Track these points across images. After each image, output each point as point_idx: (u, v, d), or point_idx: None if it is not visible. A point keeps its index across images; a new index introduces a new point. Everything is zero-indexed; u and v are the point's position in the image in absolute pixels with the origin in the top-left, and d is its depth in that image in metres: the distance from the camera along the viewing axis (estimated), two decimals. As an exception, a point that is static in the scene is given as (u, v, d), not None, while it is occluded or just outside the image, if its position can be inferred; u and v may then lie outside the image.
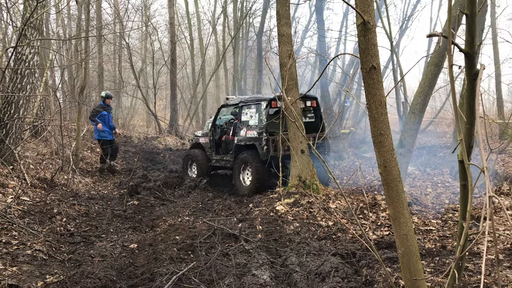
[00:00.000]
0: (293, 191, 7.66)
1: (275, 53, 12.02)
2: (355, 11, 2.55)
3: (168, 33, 22.89)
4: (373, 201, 7.64)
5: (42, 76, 11.45)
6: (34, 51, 8.41)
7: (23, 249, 5.08)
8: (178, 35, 25.56)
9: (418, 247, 3.01)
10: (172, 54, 20.23)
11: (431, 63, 8.46)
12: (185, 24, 28.56)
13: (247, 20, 27.47)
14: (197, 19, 28.66)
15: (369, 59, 2.63)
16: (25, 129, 9.34)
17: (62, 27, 19.80)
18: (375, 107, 2.66)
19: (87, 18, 12.16)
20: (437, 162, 13.75)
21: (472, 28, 1.86)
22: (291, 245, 5.71)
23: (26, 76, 8.30)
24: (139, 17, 24.99)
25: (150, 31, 24.40)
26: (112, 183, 10.38)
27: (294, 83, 7.99)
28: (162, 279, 4.34)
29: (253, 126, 9.38)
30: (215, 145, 10.60)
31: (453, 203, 8.19)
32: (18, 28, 8.35)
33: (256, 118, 9.39)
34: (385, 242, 5.66)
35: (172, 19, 20.35)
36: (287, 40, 8.09)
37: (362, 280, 4.54)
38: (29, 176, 8.09)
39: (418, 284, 2.79)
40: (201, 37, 28.73)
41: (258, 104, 9.38)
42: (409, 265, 2.81)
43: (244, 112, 9.78)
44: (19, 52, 8.20)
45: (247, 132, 9.49)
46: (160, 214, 7.65)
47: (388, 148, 2.70)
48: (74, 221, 6.72)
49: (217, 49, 29.82)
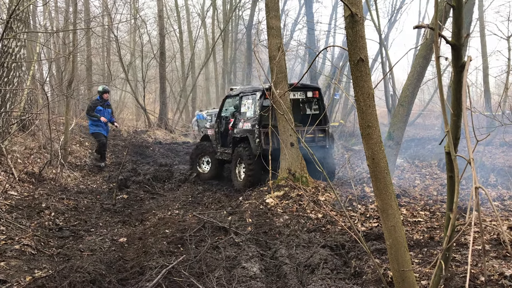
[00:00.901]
0: (283, 184, 7.68)
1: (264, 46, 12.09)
2: (343, 3, 2.54)
3: (157, 26, 22.72)
4: (362, 193, 7.69)
5: (29, 69, 11.31)
6: (21, 44, 8.30)
7: (11, 244, 5.04)
8: (167, 28, 25.39)
9: (406, 238, 3.04)
10: (161, 47, 20.11)
11: (419, 56, 8.51)
12: (174, 17, 28.41)
13: (236, 13, 27.38)
14: (186, 12, 28.52)
15: (357, 51, 2.63)
16: (12, 123, 9.23)
17: (49, 20, 19.55)
18: (363, 100, 2.67)
19: (75, 11, 12.03)
20: (426, 154, 13.88)
21: (459, 20, 1.87)
22: (281, 237, 5.74)
23: (13, 69, 8.20)
24: (127, 9, 24.79)
25: (139, 24, 24.21)
26: (101, 177, 10.32)
27: (284, 76, 7.98)
28: (151, 272, 4.34)
29: (249, 118, 9.13)
30: (220, 137, 10.34)
31: (441, 195, 8.28)
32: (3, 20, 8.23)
33: (252, 110, 9.17)
34: (374, 234, 5.70)
35: (161, 12, 20.21)
36: (276, 33, 8.07)
37: (351, 272, 4.58)
38: (16, 170, 8.01)
39: (406, 275, 2.82)
40: (190, 30, 28.60)
41: (254, 95, 9.16)
42: (397, 256, 2.83)
43: (243, 103, 9.55)
44: (5, 45, 8.08)
45: (244, 124, 9.24)
46: (149, 208, 7.64)
47: (376, 140, 2.71)
48: (62, 215, 6.68)
49: (206, 42, 29.71)
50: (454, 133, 2.03)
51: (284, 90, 7.50)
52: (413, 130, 20.41)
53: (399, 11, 17.91)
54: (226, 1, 26.70)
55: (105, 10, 19.70)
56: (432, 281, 2.24)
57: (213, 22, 27.60)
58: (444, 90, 2.29)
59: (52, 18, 20.29)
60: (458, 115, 1.99)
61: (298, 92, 9.17)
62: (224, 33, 25.03)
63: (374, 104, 2.70)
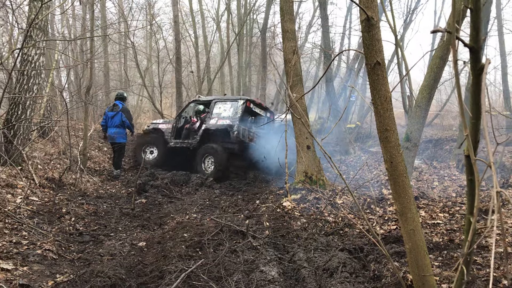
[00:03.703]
0: (300, 187, 7.67)
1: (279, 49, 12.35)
2: (359, 7, 2.54)
3: (173, 31, 22.88)
4: (380, 196, 7.63)
5: (48, 76, 11.50)
6: (40, 52, 8.45)
7: (33, 249, 5.12)
8: (183, 33, 25.56)
9: (425, 241, 3.02)
10: (177, 52, 20.24)
11: (436, 56, 8.42)
12: (189, 22, 28.56)
13: (251, 17, 27.44)
14: (201, 17, 28.65)
15: (374, 54, 2.63)
16: (33, 130, 9.39)
17: (67, 28, 19.87)
18: (380, 103, 2.66)
19: (92, 18, 12.20)
20: (444, 156, 13.72)
21: (477, 23, 1.86)
22: (299, 241, 5.73)
23: (33, 77, 8.34)
24: (143, 16, 25.05)
25: (155, 29, 24.43)
26: (119, 181, 10.44)
27: (299, 79, 7.99)
28: (171, 276, 4.37)
29: (226, 117, 11.24)
30: (176, 131, 12.35)
31: (460, 196, 8.17)
32: (23, 29, 8.39)
33: (230, 112, 11.26)
34: (392, 237, 5.66)
35: (176, 17, 20.35)
36: (291, 36, 8.08)
37: (370, 275, 4.55)
38: (37, 176, 8.14)
39: (426, 279, 2.80)
40: (205, 35, 28.73)
41: (236, 102, 11.38)
42: (417, 260, 2.81)
43: (218, 106, 11.62)
44: (25, 53, 8.23)
45: (219, 120, 11.33)
46: (168, 212, 7.69)
47: (394, 143, 2.70)
48: (82, 220, 6.77)
49: (221, 46, 29.82)
50: (474, 136, 2.01)
51: (300, 93, 7.50)
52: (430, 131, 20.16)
53: (414, 11, 17.75)
54: (240, 5, 26.76)
55: (122, 16, 19.94)
56: (454, 286, 2.23)
57: (227, 27, 27.68)
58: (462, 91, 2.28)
59: (70, 25, 20.62)
60: (477, 118, 1.98)
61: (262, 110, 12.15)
62: (239, 37, 25.09)
63: (391, 107, 2.69)
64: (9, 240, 5.18)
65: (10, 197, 6.70)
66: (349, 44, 27.88)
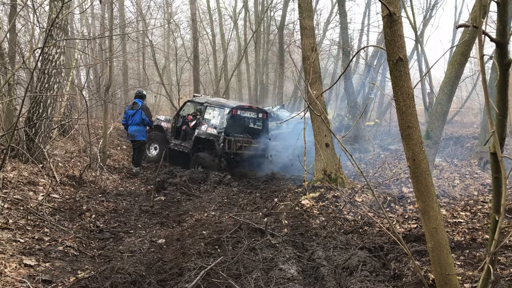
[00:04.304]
0: (318, 185, 7.63)
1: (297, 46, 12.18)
2: (381, 2, 2.51)
3: (190, 29, 22.98)
4: (400, 194, 7.55)
5: (68, 75, 11.67)
6: (60, 51, 8.55)
7: (55, 245, 5.20)
8: (200, 31, 25.65)
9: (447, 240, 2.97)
10: (195, 50, 20.31)
11: (457, 53, 8.28)
12: (206, 20, 28.64)
13: (268, 14, 27.38)
14: (219, 15, 28.70)
15: (396, 50, 2.59)
16: (53, 128, 9.52)
17: (86, 27, 20.11)
18: (402, 100, 2.62)
19: (111, 17, 12.32)
20: (465, 153, 13.51)
21: (504, 17, 1.81)
22: (318, 239, 5.70)
23: (53, 75, 8.45)
24: (161, 14, 25.20)
25: (173, 28, 24.55)
26: (139, 179, 10.53)
27: (318, 76, 7.94)
28: (190, 273, 4.39)
29: (214, 125, 11.40)
30: (175, 130, 12.50)
31: (482, 195, 8.03)
32: (44, 29, 8.50)
33: (217, 120, 11.39)
34: (413, 235, 5.59)
35: (194, 16, 20.42)
36: (310, 33, 8.03)
37: (391, 274, 4.51)
38: (58, 174, 8.26)
39: (449, 278, 2.75)
40: (222, 33, 28.77)
41: (222, 109, 11.38)
42: (439, 259, 2.77)
43: (208, 112, 11.69)
44: (45, 52, 8.34)
45: (208, 128, 11.51)
46: (186, 209, 7.72)
47: (417, 141, 2.66)
48: (103, 217, 6.85)
49: (238, 44, 29.84)
50: (500, 133, 1.97)
51: (319, 91, 7.46)
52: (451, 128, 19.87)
53: (434, 7, 17.48)
54: (258, 2, 26.73)
55: (140, 15, 20.08)
56: (480, 285, 2.18)
57: (245, 24, 27.69)
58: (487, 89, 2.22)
59: (89, 24, 20.86)
60: (504, 115, 1.93)
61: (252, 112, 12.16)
62: (256, 34, 25.07)
63: (414, 104, 2.64)
64: (32, 237, 5.27)
65: (32, 195, 6.81)
66: (368, 41, 27.65)
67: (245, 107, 11.94)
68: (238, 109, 11.48)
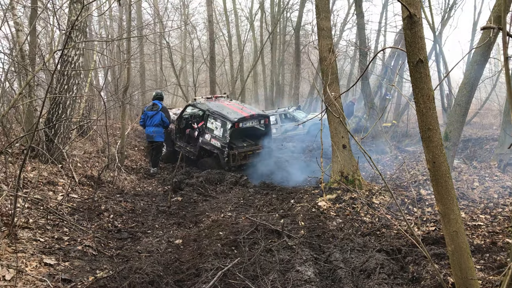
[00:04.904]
0: (335, 186, 7.59)
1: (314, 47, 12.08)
2: (401, 4, 2.49)
3: (207, 31, 23.10)
4: (418, 196, 7.47)
5: (87, 76, 11.80)
6: (79, 52, 8.66)
7: (74, 244, 5.27)
8: (216, 32, 25.75)
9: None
10: (211, 51, 20.40)
11: (477, 53, 8.15)
12: (223, 22, 28.76)
13: (284, 15, 27.37)
14: (235, 16, 28.80)
15: (416, 52, 2.56)
16: (72, 129, 9.64)
17: (104, 29, 20.34)
18: (423, 102, 2.59)
19: (129, 19, 12.43)
20: (484, 155, 13.28)
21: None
22: (335, 241, 5.67)
23: (72, 77, 8.55)
24: (178, 16, 25.37)
25: (189, 29, 24.70)
26: (156, 179, 10.61)
27: (335, 77, 7.90)
28: (207, 274, 4.41)
29: (218, 137, 11.39)
30: (179, 132, 12.58)
31: (502, 198, 7.89)
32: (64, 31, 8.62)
33: (220, 132, 11.37)
34: (431, 238, 5.53)
35: (210, 17, 20.51)
36: (327, 34, 8.00)
37: (409, 277, 4.47)
38: (77, 174, 8.36)
39: (470, 283, 2.72)
40: (239, 34, 28.86)
41: (224, 122, 11.27)
42: (460, 262, 2.74)
43: (210, 121, 11.67)
44: (65, 54, 8.45)
45: (212, 139, 11.53)
46: (203, 210, 7.75)
47: (437, 143, 2.63)
48: (121, 217, 6.92)
49: (254, 45, 29.90)
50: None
51: (336, 92, 7.42)
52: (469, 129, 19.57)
53: (453, 7, 17.24)
54: (274, 3, 26.73)
55: (157, 17, 20.25)
56: (501, 290, 2.15)
57: (261, 25, 27.72)
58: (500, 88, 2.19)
59: (107, 26, 21.10)
60: (528, 117, 1.90)
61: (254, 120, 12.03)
62: (272, 35, 25.07)
63: (434, 106, 2.62)
64: (51, 236, 5.35)
65: (51, 194, 6.91)
66: (385, 41, 27.44)
67: (247, 118, 11.64)
68: (240, 121, 11.32)
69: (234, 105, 12.60)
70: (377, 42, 26.00)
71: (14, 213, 4.86)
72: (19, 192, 5.47)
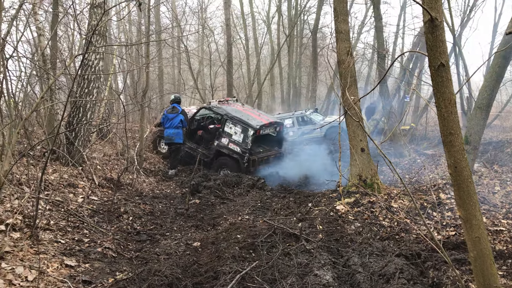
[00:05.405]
0: (353, 190, 7.55)
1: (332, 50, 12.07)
2: (422, 7, 2.47)
3: (224, 34, 23.20)
4: (438, 200, 7.38)
5: (106, 80, 11.96)
6: (99, 56, 8.78)
7: (94, 246, 5.33)
8: (234, 36, 25.85)
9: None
10: (228, 55, 20.48)
11: (498, 56, 8.04)
12: (240, 25, 28.89)
13: (301, 18, 27.34)
14: (252, 19, 28.88)
15: (438, 56, 2.54)
16: (92, 132, 9.77)
17: (124, 33, 20.59)
18: (444, 106, 2.57)
19: (148, 23, 12.56)
20: (505, 159, 13.05)
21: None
22: (353, 245, 5.64)
23: (93, 81, 8.67)
24: (196, 20, 25.54)
25: (207, 33, 24.84)
26: (174, 182, 10.68)
27: (353, 80, 7.86)
28: (225, 277, 4.42)
29: (237, 142, 11.54)
30: (190, 132, 12.57)
31: (524, 202, 7.75)
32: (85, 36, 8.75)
33: (240, 137, 11.51)
34: (451, 243, 5.46)
35: (228, 21, 20.60)
36: (345, 37, 7.96)
37: (429, 282, 4.42)
38: (96, 176, 8.47)
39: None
40: (256, 37, 28.92)
41: (246, 129, 11.43)
42: (483, 269, 2.70)
43: (229, 126, 11.73)
44: (86, 58, 8.57)
45: (230, 143, 11.65)
46: (220, 213, 7.77)
47: (459, 147, 2.60)
48: (140, 219, 6.98)
49: (271, 48, 29.92)
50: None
51: (355, 95, 7.38)
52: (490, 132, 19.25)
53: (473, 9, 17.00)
54: (291, 6, 26.73)
55: (175, 21, 20.41)
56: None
57: (278, 28, 27.73)
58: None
59: (126, 30, 21.35)
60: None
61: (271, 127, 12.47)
62: (289, 38, 25.06)
63: (456, 110, 2.59)
64: (72, 238, 5.43)
65: (72, 197, 7.01)
66: (403, 44, 27.21)
67: (266, 124, 12.00)
68: (261, 128, 11.62)
69: (249, 110, 12.88)
70: (395, 45, 25.81)
71: (36, 215, 4.95)
72: (40, 194, 5.57)
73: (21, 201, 5.60)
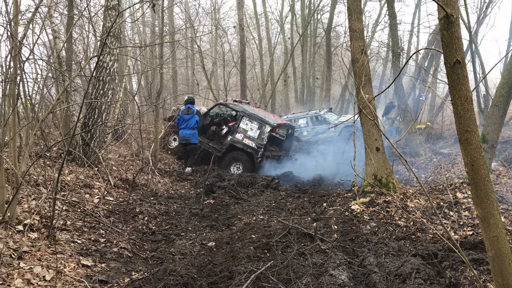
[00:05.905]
0: (369, 190, 7.49)
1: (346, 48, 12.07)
2: (437, 4, 2.44)
3: (237, 34, 23.23)
4: (454, 200, 7.29)
5: (121, 82, 12.06)
6: (114, 58, 8.85)
7: (110, 246, 5.38)
8: (247, 36, 25.87)
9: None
10: (242, 55, 20.51)
11: (516, 52, 7.91)
12: (253, 25, 28.91)
13: (315, 17, 27.25)
14: (265, 19, 28.87)
15: (453, 53, 2.51)
16: (108, 133, 9.86)
17: (138, 34, 20.74)
18: (460, 103, 2.53)
19: (161, 25, 12.63)
20: (523, 157, 12.84)
21: None
22: (369, 245, 5.60)
23: (108, 82, 8.75)
24: (209, 21, 25.63)
25: (220, 34, 24.92)
26: (188, 182, 10.73)
27: (368, 79, 7.80)
28: (240, 277, 4.42)
29: (252, 137, 12.06)
30: (203, 128, 12.76)
31: (543, 201, 7.61)
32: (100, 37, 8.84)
33: (256, 133, 12.04)
34: (468, 243, 5.39)
35: (241, 21, 20.63)
36: (359, 36, 7.91)
37: (446, 283, 4.36)
38: (112, 177, 8.54)
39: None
40: (269, 37, 28.91)
41: (262, 125, 12.00)
42: (501, 269, 2.65)
43: (245, 122, 12.22)
44: (101, 60, 8.66)
45: (244, 139, 12.14)
46: (235, 213, 7.78)
47: (476, 145, 2.56)
48: (155, 219, 7.02)
49: (285, 47, 29.88)
50: None
51: (369, 94, 7.33)
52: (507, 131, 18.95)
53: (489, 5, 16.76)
54: (304, 5, 26.67)
55: (189, 22, 20.50)
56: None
57: (291, 28, 27.69)
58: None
59: (140, 32, 21.52)
60: None
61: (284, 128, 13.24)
62: (303, 37, 25.00)
63: (472, 108, 2.55)
64: (88, 238, 5.48)
65: (88, 197, 7.09)
66: (418, 42, 27.02)
67: (281, 124, 12.65)
68: (277, 127, 12.26)
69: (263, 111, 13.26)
70: (410, 43, 25.62)
71: (53, 215, 5.01)
72: (57, 195, 5.63)
73: (38, 202, 5.68)
